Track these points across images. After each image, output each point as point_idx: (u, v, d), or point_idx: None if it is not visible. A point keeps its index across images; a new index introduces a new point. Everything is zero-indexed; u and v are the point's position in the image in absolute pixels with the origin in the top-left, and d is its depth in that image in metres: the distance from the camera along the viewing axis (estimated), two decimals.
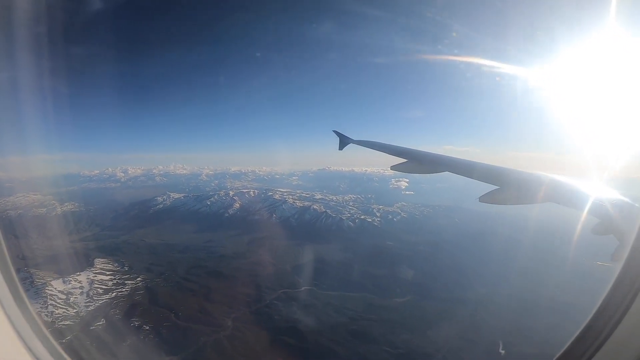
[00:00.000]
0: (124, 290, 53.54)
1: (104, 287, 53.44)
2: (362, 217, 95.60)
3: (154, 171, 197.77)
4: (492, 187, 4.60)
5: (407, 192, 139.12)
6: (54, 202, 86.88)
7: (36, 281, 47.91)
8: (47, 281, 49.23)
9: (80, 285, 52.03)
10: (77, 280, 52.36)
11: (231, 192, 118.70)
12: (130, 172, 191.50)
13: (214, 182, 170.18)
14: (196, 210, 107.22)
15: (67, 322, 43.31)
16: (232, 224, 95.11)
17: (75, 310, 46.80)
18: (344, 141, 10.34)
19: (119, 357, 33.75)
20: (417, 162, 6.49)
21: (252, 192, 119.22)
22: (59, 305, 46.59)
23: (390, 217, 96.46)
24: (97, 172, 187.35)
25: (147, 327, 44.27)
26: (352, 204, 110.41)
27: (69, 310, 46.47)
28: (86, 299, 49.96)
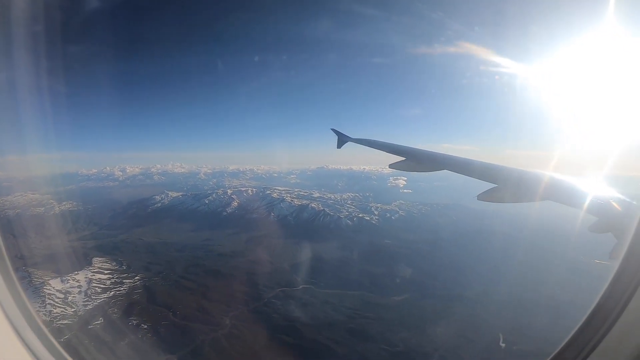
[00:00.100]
0: (122, 289, 53.47)
1: (102, 286, 53.35)
2: (360, 215, 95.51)
3: (152, 170, 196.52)
4: (491, 185, 4.61)
5: (405, 191, 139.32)
6: (52, 201, 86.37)
7: (34, 280, 47.73)
8: (46, 280, 49.05)
9: (78, 284, 51.89)
10: (75, 279, 52.20)
11: (229, 191, 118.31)
12: (128, 170, 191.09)
13: (212, 181, 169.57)
14: (194, 208, 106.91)
15: (66, 321, 43.17)
16: (230, 223, 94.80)
17: (73, 309, 46.66)
18: (342, 139, 10.33)
19: (117, 356, 33.69)
20: (415, 161, 6.49)
21: (250, 191, 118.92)
22: (57, 304, 46.45)
23: (388, 215, 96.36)
24: (95, 171, 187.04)
25: (145, 326, 44.17)
26: (350, 202, 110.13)
27: (67, 309, 46.33)
28: (84, 297, 49.87)
